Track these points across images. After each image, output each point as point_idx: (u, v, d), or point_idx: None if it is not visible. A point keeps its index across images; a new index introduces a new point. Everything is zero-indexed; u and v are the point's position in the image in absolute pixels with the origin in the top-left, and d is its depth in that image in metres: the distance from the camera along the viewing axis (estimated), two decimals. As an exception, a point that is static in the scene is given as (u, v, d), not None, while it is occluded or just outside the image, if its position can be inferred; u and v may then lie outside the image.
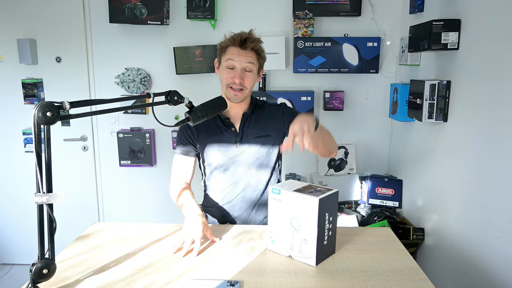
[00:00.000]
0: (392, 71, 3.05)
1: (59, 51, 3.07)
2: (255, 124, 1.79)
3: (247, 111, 1.79)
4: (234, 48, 1.66)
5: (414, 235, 2.54)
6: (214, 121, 1.78)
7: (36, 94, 3.04)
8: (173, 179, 1.81)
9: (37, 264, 1.11)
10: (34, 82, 3.04)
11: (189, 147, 1.79)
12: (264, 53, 1.74)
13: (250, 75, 1.68)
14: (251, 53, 1.67)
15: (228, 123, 1.77)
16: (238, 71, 1.66)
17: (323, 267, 1.34)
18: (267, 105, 1.86)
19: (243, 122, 1.78)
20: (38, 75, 3.10)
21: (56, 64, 3.08)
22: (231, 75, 1.66)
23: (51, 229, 1.12)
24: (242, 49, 1.65)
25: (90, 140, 3.21)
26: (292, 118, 1.75)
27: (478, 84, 1.99)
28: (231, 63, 1.66)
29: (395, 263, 1.36)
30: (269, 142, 1.78)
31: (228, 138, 1.77)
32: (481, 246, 1.95)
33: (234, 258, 1.39)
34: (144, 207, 3.28)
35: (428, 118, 2.27)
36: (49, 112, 1.05)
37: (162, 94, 1.40)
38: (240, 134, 1.77)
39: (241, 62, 1.65)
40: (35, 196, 1.08)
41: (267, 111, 1.82)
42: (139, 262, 1.36)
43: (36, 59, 3.06)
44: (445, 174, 2.30)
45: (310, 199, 1.28)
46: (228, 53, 1.67)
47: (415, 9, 2.61)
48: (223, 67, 1.69)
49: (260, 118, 1.80)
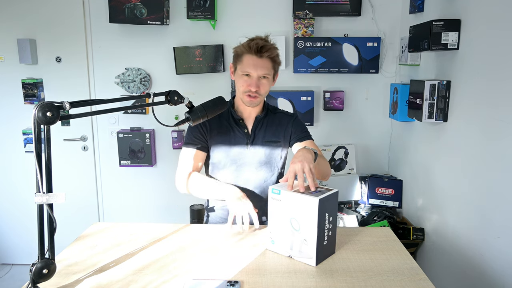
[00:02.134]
0: (392, 71, 3.05)
1: (59, 51, 3.07)
2: (267, 128, 1.82)
3: (260, 114, 1.82)
4: (250, 56, 1.66)
5: (414, 235, 2.54)
6: (228, 120, 1.80)
7: (36, 94, 3.04)
8: (181, 171, 1.77)
9: (37, 264, 1.11)
10: (34, 82, 3.03)
11: (201, 142, 1.79)
12: (279, 58, 1.75)
13: (265, 82, 1.71)
14: (267, 62, 1.68)
15: (242, 124, 1.80)
16: (254, 80, 1.67)
17: (323, 267, 1.34)
18: (279, 112, 1.89)
19: (255, 125, 1.81)
20: (38, 75, 3.10)
21: (56, 64, 3.08)
22: (247, 83, 1.68)
23: (51, 229, 1.12)
24: (258, 58, 1.66)
25: (90, 140, 3.21)
26: (299, 133, 1.83)
27: (478, 84, 1.99)
28: (247, 71, 1.67)
29: (395, 263, 1.36)
30: (278, 147, 1.82)
31: (240, 139, 1.79)
32: (481, 246, 1.95)
33: (234, 258, 1.39)
34: (144, 207, 3.28)
35: (428, 118, 2.27)
36: (49, 112, 1.06)
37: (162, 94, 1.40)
38: (252, 136, 1.79)
39: (257, 71, 1.67)
40: (35, 196, 1.08)
41: (279, 118, 1.86)
42: (139, 262, 1.36)
43: (36, 59, 3.06)
44: (445, 174, 2.30)
45: (310, 199, 1.28)
46: (244, 62, 1.68)
47: (415, 9, 2.61)
48: (239, 74, 1.71)
49: (272, 123, 1.83)
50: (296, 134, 1.83)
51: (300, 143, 1.79)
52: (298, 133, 1.83)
